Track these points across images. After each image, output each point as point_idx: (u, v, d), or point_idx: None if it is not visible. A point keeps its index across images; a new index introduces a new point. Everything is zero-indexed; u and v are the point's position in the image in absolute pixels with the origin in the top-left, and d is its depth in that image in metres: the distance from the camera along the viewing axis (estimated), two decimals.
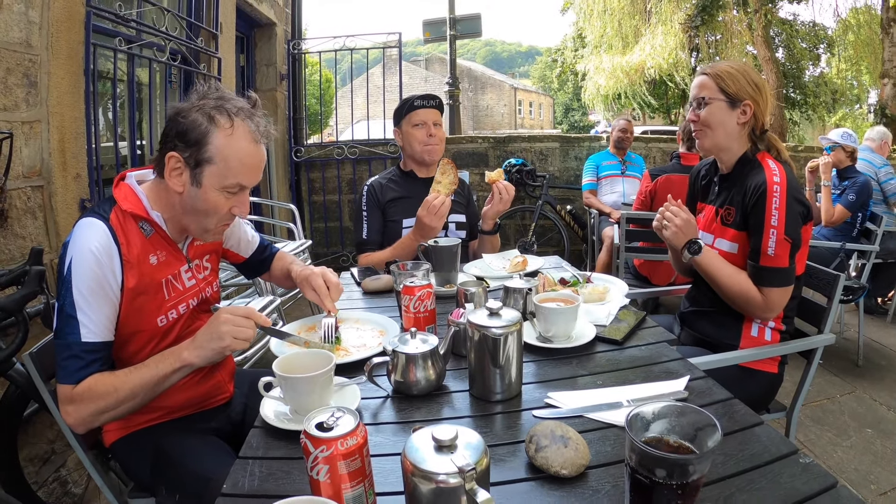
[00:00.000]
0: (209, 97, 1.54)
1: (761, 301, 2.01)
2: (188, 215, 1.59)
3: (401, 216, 2.87)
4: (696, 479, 0.87)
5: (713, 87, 2.10)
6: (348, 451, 0.95)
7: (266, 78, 6.66)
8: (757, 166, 2.08)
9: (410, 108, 2.86)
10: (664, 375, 1.53)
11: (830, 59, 17.90)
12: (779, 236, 1.94)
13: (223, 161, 1.51)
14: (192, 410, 1.77)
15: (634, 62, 16.50)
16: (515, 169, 6.60)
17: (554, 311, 1.68)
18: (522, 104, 47.92)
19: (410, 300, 1.71)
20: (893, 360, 4.57)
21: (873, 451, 3.28)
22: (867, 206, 4.72)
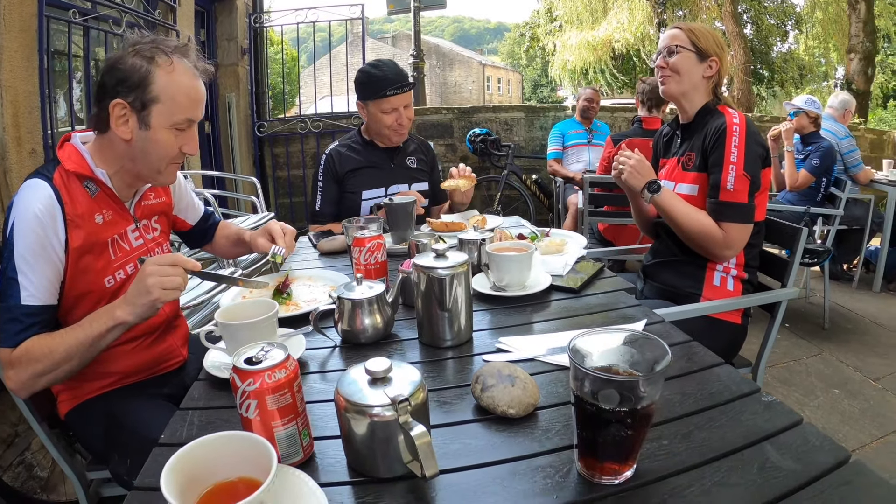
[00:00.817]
0: (143, 41, 1.51)
1: (721, 237, 2.04)
2: (138, 161, 1.56)
3: (360, 188, 2.78)
4: (647, 406, 0.83)
5: (685, 39, 2.15)
6: (277, 384, 0.91)
7: (227, 52, 6.51)
8: (717, 114, 2.13)
9: (383, 96, 2.69)
10: (621, 320, 1.51)
11: (798, 36, 18.17)
12: (738, 172, 1.99)
13: (169, 98, 1.49)
14: (144, 376, 1.73)
15: (602, 37, 16.55)
16: (480, 139, 6.57)
17: (507, 259, 1.66)
18: (491, 80, 47.82)
19: (360, 252, 1.68)
20: (859, 323, 4.67)
21: (840, 411, 3.35)
22: (831, 172, 4.78)
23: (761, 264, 2.38)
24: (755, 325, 2.38)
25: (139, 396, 1.66)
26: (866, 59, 11.20)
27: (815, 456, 0.94)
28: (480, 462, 0.94)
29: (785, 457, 0.94)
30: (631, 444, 0.87)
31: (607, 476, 0.88)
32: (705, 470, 0.91)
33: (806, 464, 0.92)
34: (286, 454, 0.93)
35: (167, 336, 1.79)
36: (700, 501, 0.85)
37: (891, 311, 4.96)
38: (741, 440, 0.98)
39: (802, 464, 0.92)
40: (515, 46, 42.14)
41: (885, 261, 5.40)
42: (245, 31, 6.61)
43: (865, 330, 4.54)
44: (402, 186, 2.84)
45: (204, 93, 1.59)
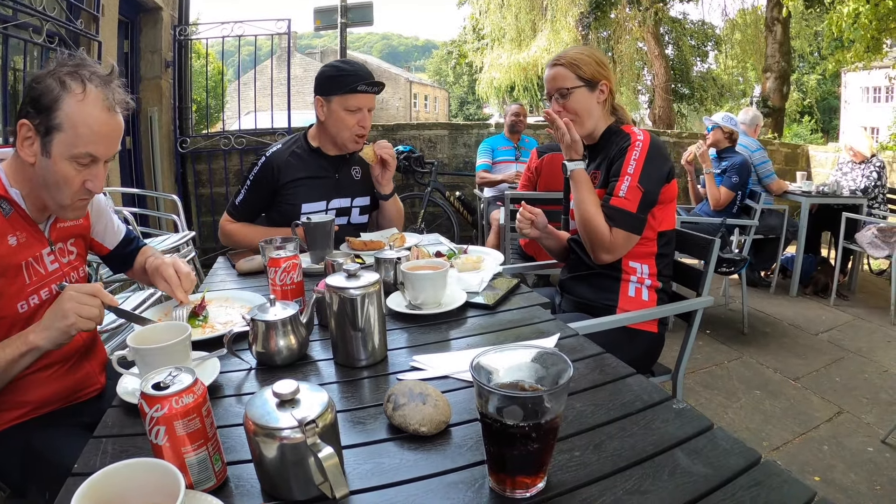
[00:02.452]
0: (67, 64, 1.45)
1: (608, 238, 2.11)
2: (42, 189, 1.50)
3: (300, 200, 2.60)
4: (552, 420, 0.85)
5: (571, 76, 2.19)
6: (185, 409, 0.89)
7: (151, 65, 6.32)
8: (623, 134, 2.21)
9: (352, 90, 2.50)
10: (535, 335, 1.53)
11: (718, 56, 18.97)
12: (632, 182, 2.07)
13: (72, 128, 1.42)
14: (61, 404, 1.66)
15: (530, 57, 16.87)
16: (403, 156, 6.59)
17: (421, 277, 1.66)
18: (418, 98, 48.04)
19: (276, 272, 1.66)
20: (777, 326, 4.88)
21: (762, 411, 3.48)
22: (746, 184, 4.99)
23: (678, 275, 2.45)
24: (674, 333, 2.45)
25: (57, 426, 1.59)
26: (781, 77, 11.77)
27: (725, 459, 0.97)
28: (393, 481, 0.93)
29: (696, 462, 0.97)
30: (539, 458, 0.87)
31: (519, 490, 0.89)
32: (617, 479, 0.93)
33: (717, 468, 0.95)
34: (198, 480, 0.91)
35: (84, 363, 1.73)
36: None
37: (807, 314, 5.20)
38: (652, 448, 1.01)
39: (713, 468, 0.95)
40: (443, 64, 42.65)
41: (800, 267, 5.68)
42: (170, 44, 6.45)
43: (784, 333, 4.74)
44: (344, 201, 2.70)
45: (117, 128, 1.51)
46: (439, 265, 1.72)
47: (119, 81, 1.51)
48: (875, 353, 4.40)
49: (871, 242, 5.35)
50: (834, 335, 4.75)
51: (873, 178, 5.87)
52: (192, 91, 7.09)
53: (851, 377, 3.98)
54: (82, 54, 1.52)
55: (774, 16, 10.22)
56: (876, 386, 3.85)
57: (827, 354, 4.35)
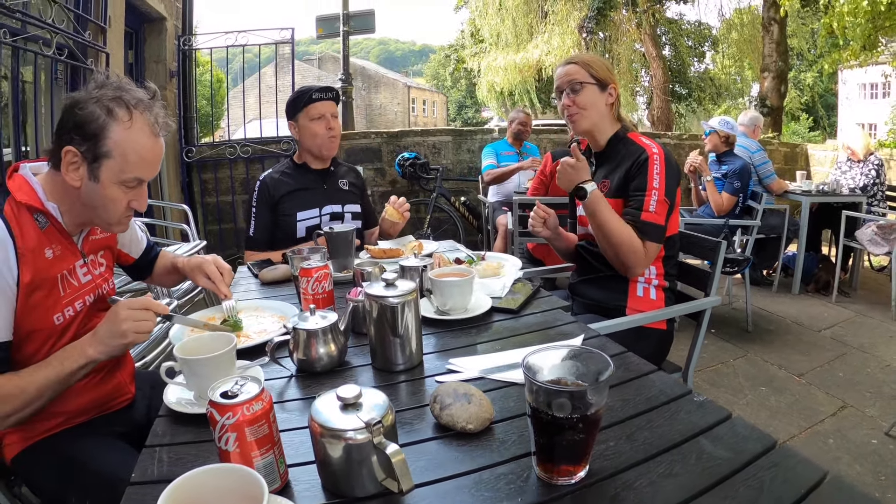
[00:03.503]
0: (108, 87, 1.48)
1: (643, 252, 2.17)
2: (87, 209, 1.54)
3: (295, 210, 2.83)
4: (595, 412, 0.93)
5: (584, 73, 2.28)
6: (254, 416, 0.95)
7: (156, 75, 6.34)
8: (631, 143, 2.29)
9: (308, 101, 2.79)
10: (560, 337, 1.61)
11: (715, 56, 18.99)
12: (659, 196, 2.15)
13: (121, 155, 1.46)
14: (94, 414, 1.70)
15: (530, 60, 16.92)
16: (409, 163, 6.62)
17: (449, 284, 1.73)
18: (416, 102, 48.09)
19: (308, 282, 1.72)
20: (780, 324, 4.95)
21: (768, 406, 3.55)
22: (748, 186, 5.07)
23: (685, 275, 2.54)
24: (682, 332, 2.54)
25: (92, 435, 1.64)
26: (779, 77, 11.81)
27: (745, 445, 1.07)
28: (447, 475, 1.01)
29: (718, 447, 1.06)
30: (583, 447, 0.96)
31: (563, 477, 0.97)
32: (650, 465, 1.02)
33: (738, 452, 1.05)
34: (266, 482, 0.98)
35: (116, 373, 1.77)
36: (648, 491, 0.95)
37: (810, 311, 5.26)
38: (679, 436, 1.10)
39: (734, 452, 1.04)
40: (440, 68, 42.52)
41: (802, 265, 5.74)
42: (174, 54, 6.50)
43: (787, 330, 4.81)
44: (336, 207, 2.91)
45: (161, 151, 1.57)
46: (465, 272, 1.80)
47: (160, 104, 1.57)
48: (877, 348, 4.47)
49: (871, 240, 5.43)
50: (837, 331, 4.82)
51: (872, 176, 5.95)
52: (196, 101, 7.12)
53: (855, 372, 4.04)
54: (118, 75, 1.56)
55: (771, 16, 10.28)
56: (879, 380, 3.92)
57: (830, 350, 4.42)
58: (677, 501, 0.92)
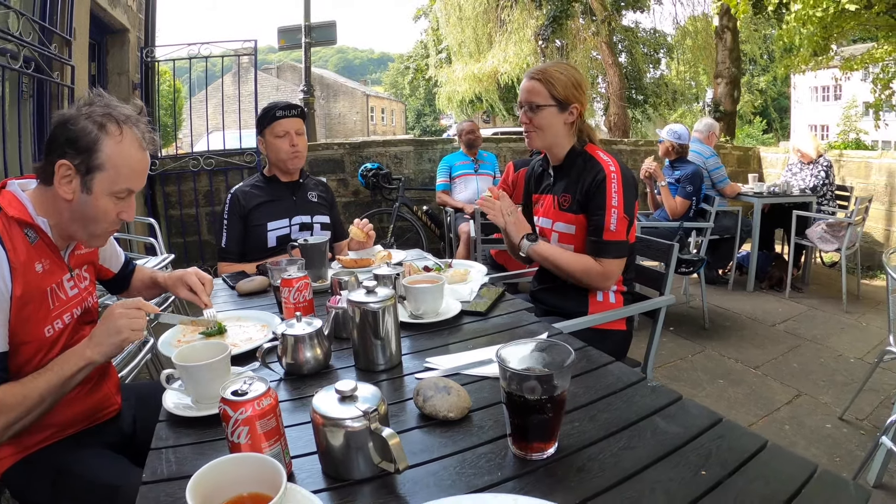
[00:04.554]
0: (96, 104, 1.56)
1: (601, 271, 2.28)
2: (76, 222, 1.61)
3: (265, 220, 2.91)
4: (560, 394, 1.08)
5: (545, 93, 2.30)
6: (264, 411, 1.05)
7: (118, 87, 6.24)
8: (589, 158, 2.35)
9: (273, 119, 2.89)
10: (526, 335, 1.73)
11: (670, 63, 19.37)
12: (619, 214, 2.22)
13: (114, 168, 1.55)
14: (83, 426, 1.75)
15: (488, 69, 17.04)
16: (371, 173, 6.68)
17: (422, 290, 1.85)
18: (375, 111, 48.06)
19: (290, 292, 1.81)
20: (736, 320, 5.17)
21: (726, 398, 3.73)
22: (700, 191, 5.26)
23: (642, 277, 2.68)
24: (642, 332, 2.68)
25: (83, 446, 1.68)
26: (732, 83, 12.11)
27: (694, 421, 1.22)
28: (434, 457, 1.13)
29: (671, 424, 1.21)
30: (552, 426, 1.10)
31: (536, 453, 1.11)
32: (611, 440, 1.17)
33: (688, 427, 1.20)
34: None
35: (102, 384, 1.82)
36: (610, 462, 1.09)
37: (764, 307, 5.49)
38: (635, 416, 1.25)
39: (685, 427, 1.20)
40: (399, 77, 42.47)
41: (755, 263, 5.97)
42: (137, 66, 6.44)
43: (743, 325, 5.02)
44: (305, 217, 2.99)
45: (147, 164, 1.66)
46: (436, 279, 1.91)
47: (146, 120, 1.66)
48: (829, 339, 4.73)
49: (821, 237, 5.69)
50: (790, 325, 5.06)
51: (821, 177, 6.21)
52: (159, 113, 7.07)
53: (808, 362, 4.27)
54: (102, 92, 1.64)
55: (724, 24, 10.56)
56: (831, 369, 4.15)
57: (784, 343, 4.65)
58: (635, 469, 1.06)
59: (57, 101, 4.39)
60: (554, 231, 2.43)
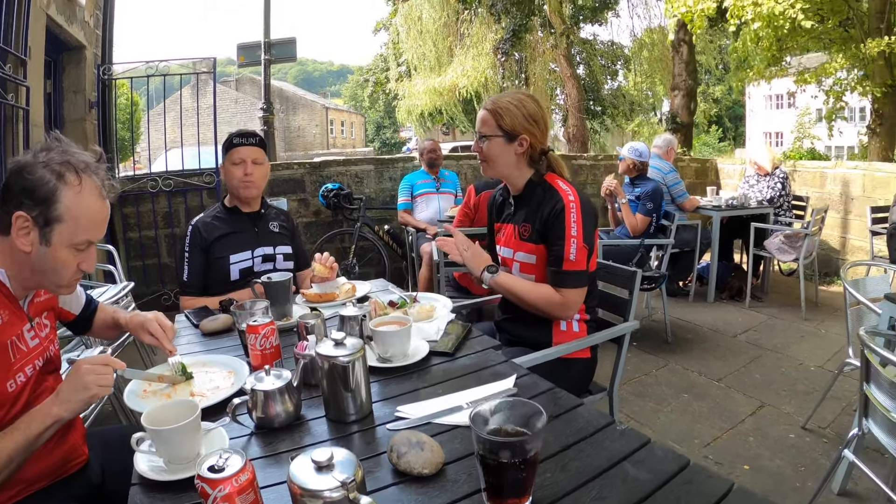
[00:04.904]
0: (54, 151, 1.52)
1: (561, 301, 2.29)
2: (36, 273, 1.57)
3: (228, 253, 2.87)
4: (534, 455, 1.09)
5: (493, 124, 2.33)
6: (242, 486, 1.05)
7: (74, 106, 6.09)
8: (548, 188, 2.35)
9: (230, 146, 2.88)
10: (494, 377, 1.74)
11: (627, 74, 19.68)
12: (578, 244, 2.23)
13: (73, 219, 1.51)
14: (51, 479, 1.68)
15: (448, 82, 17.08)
16: (333, 194, 6.62)
17: (390, 334, 1.83)
18: (334, 123, 48.12)
19: (256, 339, 1.78)
20: (698, 332, 5.26)
21: (691, 412, 3.78)
22: (661, 208, 5.34)
23: (605, 303, 2.72)
24: (607, 352, 2.71)
25: (52, 500, 1.64)
26: (689, 95, 12.33)
27: (662, 466, 1.25)
28: None
29: (640, 470, 1.24)
30: (526, 482, 1.11)
31: None
32: (583, 490, 1.18)
33: (657, 473, 1.22)
34: None
35: (68, 435, 1.75)
36: None
37: (725, 317, 5.60)
38: (606, 463, 1.27)
39: (654, 473, 1.22)
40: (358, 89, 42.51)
41: (715, 274, 6.07)
42: (93, 84, 6.27)
43: (705, 337, 5.11)
44: (268, 249, 2.96)
45: (108, 212, 1.62)
46: (403, 321, 1.90)
47: (105, 166, 1.62)
48: (790, 348, 4.84)
49: (779, 248, 5.83)
50: (751, 335, 5.17)
51: (778, 188, 6.39)
52: (116, 132, 6.92)
53: (770, 372, 4.37)
54: (59, 136, 1.60)
55: (681, 37, 10.75)
56: (793, 378, 4.25)
57: (746, 354, 4.74)
58: None
59: (11, 123, 4.29)
60: (515, 261, 2.44)
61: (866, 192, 7.07)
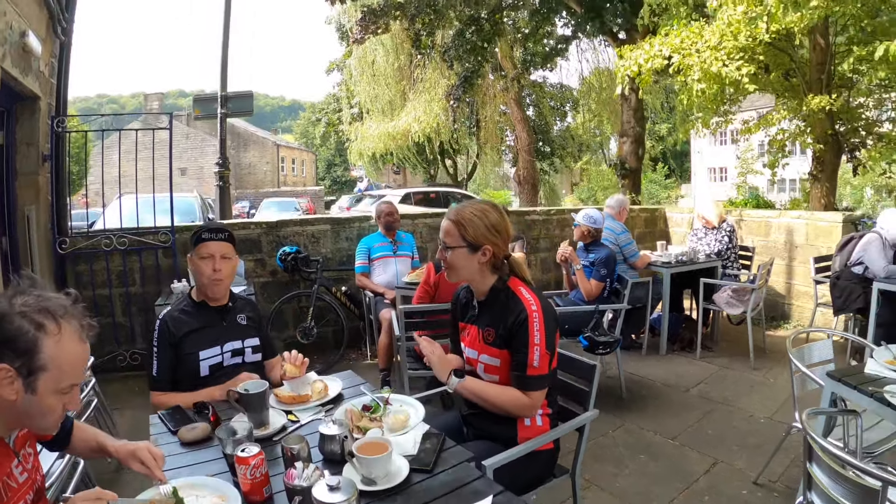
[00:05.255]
0: (28, 295, 1.52)
1: (528, 403, 2.42)
2: (22, 417, 1.56)
3: (197, 349, 2.85)
4: None
5: (456, 235, 2.45)
6: None
7: (27, 159, 5.82)
8: (512, 295, 2.47)
9: (199, 240, 2.89)
10: (473, 496, 1.82)
11: (576, 115, 20.14)
12: (542, 351, 2.36)
13: (57, 368, 1.51)
14: None
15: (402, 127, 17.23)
16: (290, 257, 6.58)
17: (374, 461, 1.88)
18: (285, 161, 47.89)
19: (246, 469, 1.81)
20: (651, 388, 5.42)
21: (648, 474, 3.89)
22: (614, 274, 5.51)
23: (565, 392, 2.84)
24: None
25: None
26: (637, 141, 12.66)
27: None
28: None
29: None
30: None
31: None
32: None
33: None
34: None
35: None
36: None
37: (677, 370, 5.80)
38: None
39: None
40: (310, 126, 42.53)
41: (667, 328, 6.25)
42: (47, 136, 6.04)
43: (658, 393, 5.26)
44: (236, 343, 2.94)
45: (88, 353, 1.63)
46: (384, 443, 1.95)
47: (81, 306, 1.63)
48: (740, 400, 5.03)
49: (728, 302, 6.07)
50: (703, 389, 5.35)
51: (725, 241, 6.70)
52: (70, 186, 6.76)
53: (721, 427, 4.53)
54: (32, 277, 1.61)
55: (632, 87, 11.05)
56: (743, 432, 4.42)
57: (698, 409, 4.90)
58: None
59: None
60: (480, 362, 2.55)
61: (809, 240, 7.41)
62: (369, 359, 6.55)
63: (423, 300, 4.63)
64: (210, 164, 6.98)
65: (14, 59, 4.74)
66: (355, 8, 16.20)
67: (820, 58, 8.00)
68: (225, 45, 8.24)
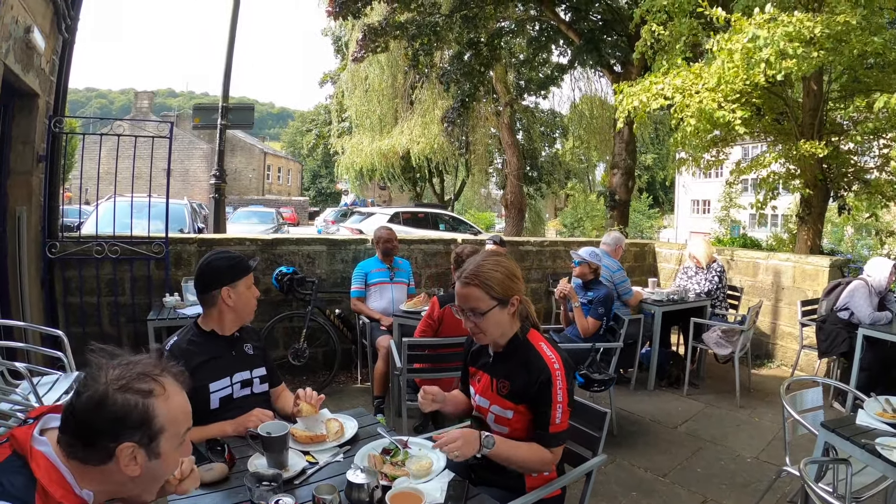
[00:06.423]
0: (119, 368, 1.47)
1: (551, 457, 2.42)
2: (138, 486, 1.52)
3: (207, 381, 2.77)
4: None
5: (485, 297, 2.37)
6: None
7: (22, 158, 5.61)
8: (532, 350, 2.45)
9: (247, 269, 2.87)
10: None
11: (565, 141, 20.27)
12: (564, 408, 2.37)
13: (173, 424, 1.50)
14: None
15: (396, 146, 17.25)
16: (286, 278, 6.52)
17: None
18: (271, 169, 47.84)
19: None
20: (641, 424, 5.46)
21: None
22: (611, 312, 5.55)
23: (575, 435, 2.80)
24: None
25: None
26: (627, 173, 12.73)
27: None
28: None
29: None
30: None
31: None
32: None
33: None
34: None
35: None
36: None
37: (666, 407, 5.85)
38: None
39: None
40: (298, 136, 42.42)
41: (655, 364, 6.33)
42: (43, 135, 5.82)
43: (647, 430, 5.31)
44: (245, 374, 2.90)
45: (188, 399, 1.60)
46: (418, 494, 1.97)
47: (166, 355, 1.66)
48: (727, 439, 5.09)
49: (717, 342, 6.16)
50: (691, 426, 5.41)
51: (715, 281, 6.80)
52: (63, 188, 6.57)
53: (710, 465, 4.59)
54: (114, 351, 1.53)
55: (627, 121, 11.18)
56: (731, 471, 4.48)
57: (686, 447, 4.96)
58: None
59: None
60: (490, 412, 2.52)
61: (796, 282, 7.53)
62: (360, 382, 6.54)
63: (425, 334, 4.56)
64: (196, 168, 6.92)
65: (17, 54, 4.60)
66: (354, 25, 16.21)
67: (813, 103, 8.17)
68: (229, 57, 8.19)
